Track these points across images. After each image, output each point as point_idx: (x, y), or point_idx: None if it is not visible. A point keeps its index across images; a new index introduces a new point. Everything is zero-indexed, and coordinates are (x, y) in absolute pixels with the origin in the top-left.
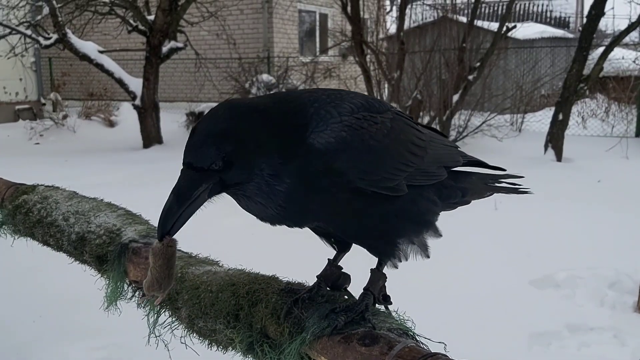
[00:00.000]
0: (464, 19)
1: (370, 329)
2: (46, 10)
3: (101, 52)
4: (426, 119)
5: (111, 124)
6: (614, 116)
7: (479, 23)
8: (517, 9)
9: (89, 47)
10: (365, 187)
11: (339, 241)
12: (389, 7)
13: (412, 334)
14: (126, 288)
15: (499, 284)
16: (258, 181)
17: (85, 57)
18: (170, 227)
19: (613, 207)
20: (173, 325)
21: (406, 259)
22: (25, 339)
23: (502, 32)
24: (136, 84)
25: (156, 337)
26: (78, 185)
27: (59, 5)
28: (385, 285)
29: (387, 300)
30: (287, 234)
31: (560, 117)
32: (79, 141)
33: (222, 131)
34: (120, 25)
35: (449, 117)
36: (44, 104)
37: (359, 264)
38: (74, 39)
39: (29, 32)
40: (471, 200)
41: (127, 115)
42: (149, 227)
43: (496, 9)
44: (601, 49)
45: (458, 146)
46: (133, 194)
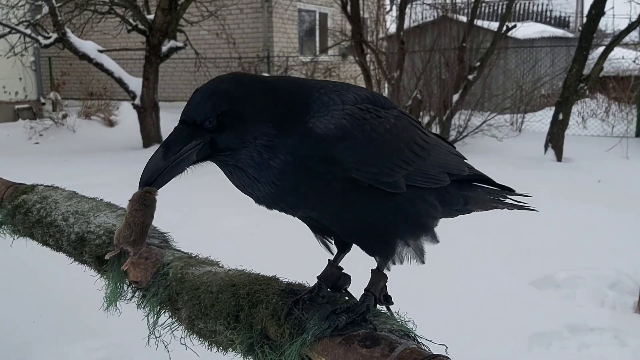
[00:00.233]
0: (464, 18)
1: (371, 330)
2: (46, 10)
3: (101, 51)
4: (426, 119)
5: (111, 123)
6: (614, 116)
7: (479, 22)
8: (517, 9)
9: (88, 47)
10: (361, 179)
11: (338, 242)
12: (388, 7)
13: (413, 335)
14: (126, 288)
15: (499, 284)
16: (250, 150)
17: (84, 57)
18: (152, 179)
19: (613, 207)
20: (173, 326)
21: (401, 262)
22: (25, 339)
23: (502, 32)
24: (136, 83)
25: (156, 338)
26: (78, 184)
27: (58, 4)
28: (386, 286)
29: (388, 301)
30: (287, 234)
31: (561, 117)
32: (78, 141)
33: (221, 91)
34: (119, 25)
35: (449, 117)
36: (43, 104)
37: (359, 265)
38: (73, 38)
39: (28, 31)
40: (473, 210)
41: (126, 115)
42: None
43: (496, 8)
44: (601, 49)
45: (464, 157)
46: (133, 193)
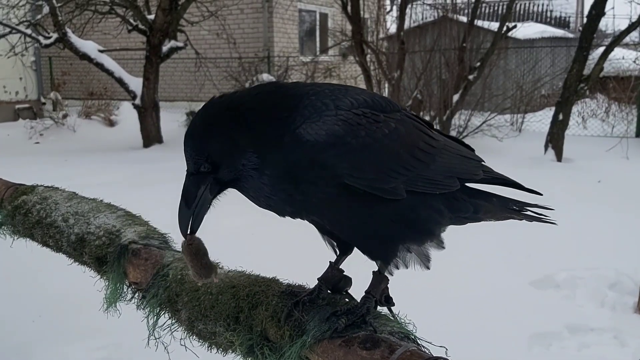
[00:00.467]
0: (464, 18)
1: (371, 332)
2: (46, 10)
3: (101, 51)
4: (426, 119)
5: (111, 123)
6: (614, 116)
7: (479, 23)
8: (518, 9)
9: (89, 47)
10: (355, 185)
11: (340, 244)
12: (389, 7)
13: (413, 337)
14: (126, 289)
15: (499, 285)
16: (246, 176)
17: (85, 57)
18: (186, 227)
19: (613, 208)
20: (173, 327)
21: (406, 267)
22: (25, 339)
23: (503, 32)
24: (136, 83)
25: (156, 339)
26: (78, 184)
27: (59, 4)
28: (387, 287)
29: (389, 302)
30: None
31: (561, 117)
32: (79, 140)
33: (202, 136)
34: (120, 25)
35: (449, 117)
36: (44, 103)
37: (360, 267)
38: (74, 38)
39: (29, 31)
40: (484, 219)
41: (127, 115)
42: (149, 228)
43: (496, 8)
44: (601, 49)
45: (481, 160)
46: (133, 194)
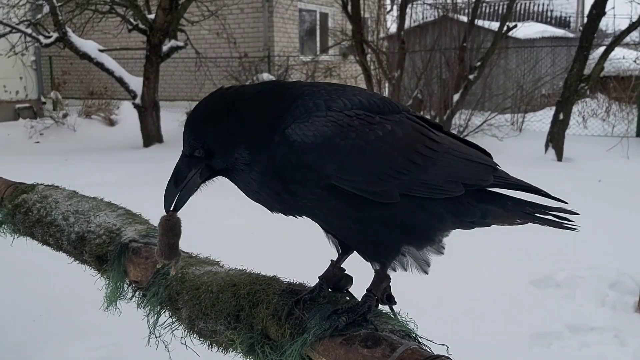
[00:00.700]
0: (464, 18)
1: (372, 330)
2: (46, 9)
3: (101, 50)
4: (435, 121)
5: (111, 122)
6: (614, 116)
7: (479, 22)
8: (518, 9)
9: (89, 46)
10: (343, 187)
11: (342, 243)
12: (389, 7)
13: (414, 335)
14: (126, 288)
15: (500, 284)
16: (237, 169)
17: (85, 56)
18: (170, 204)
19: (614, 207)
20: (173, 325)
21: (404, 270)
22: (25, 338)
23: (503, 32)
24: (136, 82)
25: (156, 337)
26: (78, 184)
27: (59, 3)
28: (389, 286)
29: (391, 301)
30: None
31: (561, 116)
32: (79, 140)
33: (200, 122)
34: (120, 24)
35: (449, 117)
36: (44, 103)
37: (362, 266)
38: (74, 37)
39: (29, 30)
40: (494, 224)
41: (127, 114)
42: (149, 227)
43: (497, 8)
44: (602, 49)
45: (494, 165)
46: (133, 193)
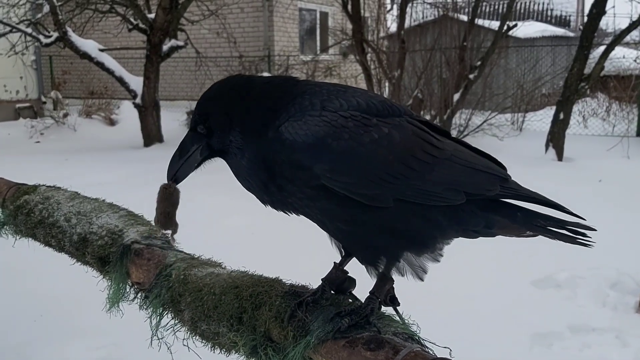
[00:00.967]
0: (464, 17)
1: (375, 333)
2: (47, 9)
3: (102, 50)
4: (427, 118)
5: (112, 122)
6: (614, 115)
7: (479, 22)
8: (518, 8)
9: (89, 46)
10: (333, 188)
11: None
12: (389, 6)
13: (417, 338)
14: (128, 290)
15: (500, 285)
16: (231, 151)
17: (85, 56)
18: (172, 174)
19: (614, 207)
20: (176, 327)
21: (401, 275)
22: (26, 339)
23: (503, 31)
24: (137, 82)
25: (159, 339)
26: (78, 184)
27: (59, 3)
28: (393, 287)
29: (394, 302)
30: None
31: (561, 116)
32: (79, 140)
33: (207, 100)
34: (120, 24)
35: (449, 116)
36: (44, 103)
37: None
38: (74, 37)
39: (29, 30)
40: (499, 234)
41: (127, 114)
42: (151, 228)
43: (497, 7)
44: (602, 48)
45: (503, 176)
46: (134, 193)
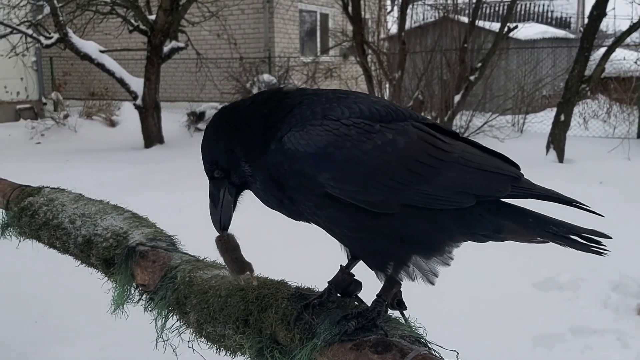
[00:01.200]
0: (465, 19)
1: (382, 336)
2: (47, 10)
3: (102, 51)
4: (453, 129)
5: (112, 123)
6: (615, 117)
7: (480, 23)
8: (519, 9)
9: (90, 47)
10: (338, 196)
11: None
12: (390, 7)
13: (424, 341)
14: (133, 291)
15: (502, 287)
16: (249, 181)
17: (86, 57)
18: (218, 224)
19: (615, 209)
20: (181, 329)
21: (411, 280)
22: (27, 339)
23: (504, 33)
24: (137, 83)
25: (164, 341)
26: (79, 184)
27: (60, 4)
28: (400, 291)
29: (401, 306)
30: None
31: (562, 118)
32: (80, 141)
33: (207, 147)
34: (121, 25)
35: (450, 118)
36: (45, 104)
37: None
38: (75, 38)
39: (30, 31)
40: (509, 239)
41: (128, 115)
42: (156, 230)
43: (497, 9)
44: (603, 50)
45: (516, 174)
46: (135, 194)
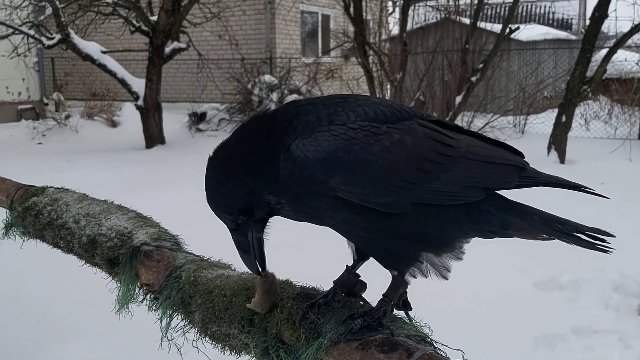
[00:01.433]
0: (466, 20)
1: (388, 335)
2: (49, 11)
3: (104, 52)
4: (455, 122)
5: (114, 124)
6: (616, 118)
7: (481, 24)
8: (520, 11)
9: (91, 48)
10: (349, 199)
11: (358, 249)
12: (391, 9)
13: (430, 340)
14: (137, 291)
15: (504, 287)
16: (275, 208)
17: (88, 58)
18: (256, 268)
19: (616, 210)
20: (185, 329)
21: (424, 277)
22: (29, 339)
23: (505, 34)
24: (139, 84)
25: (169, 340)
26: (80, 185)
27: (62, 5)
28: (406, 292)
29: (407, 307)
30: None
31: (563, 119)
32: (81, 141)
33: (217, 201)
34: (123, 26)
35: (451, 119)
36: (46, 104)
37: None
38: (76, 39)
39: (32, 32)
40: (515, 236)
41: (129, 116)
42: (160, 230)
43: (499, 10)
44: (604, 51)
45: (521, 164)
46: (136, 195)
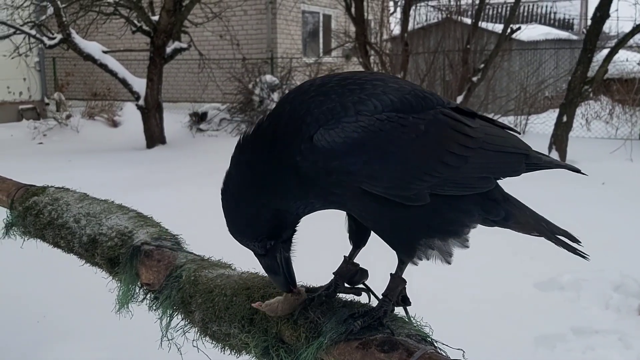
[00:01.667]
0: (468, 20)
1: (389, 334)
2: (50, 10)
3: (105, 52)
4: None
5: (115, 124)
6: (618, 118)
7: (483, 24)
8: (522, 11)
9: (93, 47)
10: (372, 191)
11: (352, 237)
12: (392, 9)
13: (430, 340)
14: (138, 290)
15: (504, 287)
16: (305, 212)
17: (89, 57)
18: (287, 287)
19: (617, 210)
20: (185, 328)
21: (427, 259)
22: (29, 340)
23: (507, 34)
24: (140, 84)
25: (169, 340)
26: (82, 185)
27: (63, 5)
28: (405, 288)
29: (406, 302)
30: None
31: (564, 119)
32: (82, 141)
33: (242, 232)
34: (124, 26)
35: None
36: (47, 104)
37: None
38: (78, 39)
39: (33, 32)
40: (513, 228)
41: (130, 116)
42: (161, 230)
43: (500, 10)
44: (605, 51)
45: (526, 151)
46: (138, 195)
